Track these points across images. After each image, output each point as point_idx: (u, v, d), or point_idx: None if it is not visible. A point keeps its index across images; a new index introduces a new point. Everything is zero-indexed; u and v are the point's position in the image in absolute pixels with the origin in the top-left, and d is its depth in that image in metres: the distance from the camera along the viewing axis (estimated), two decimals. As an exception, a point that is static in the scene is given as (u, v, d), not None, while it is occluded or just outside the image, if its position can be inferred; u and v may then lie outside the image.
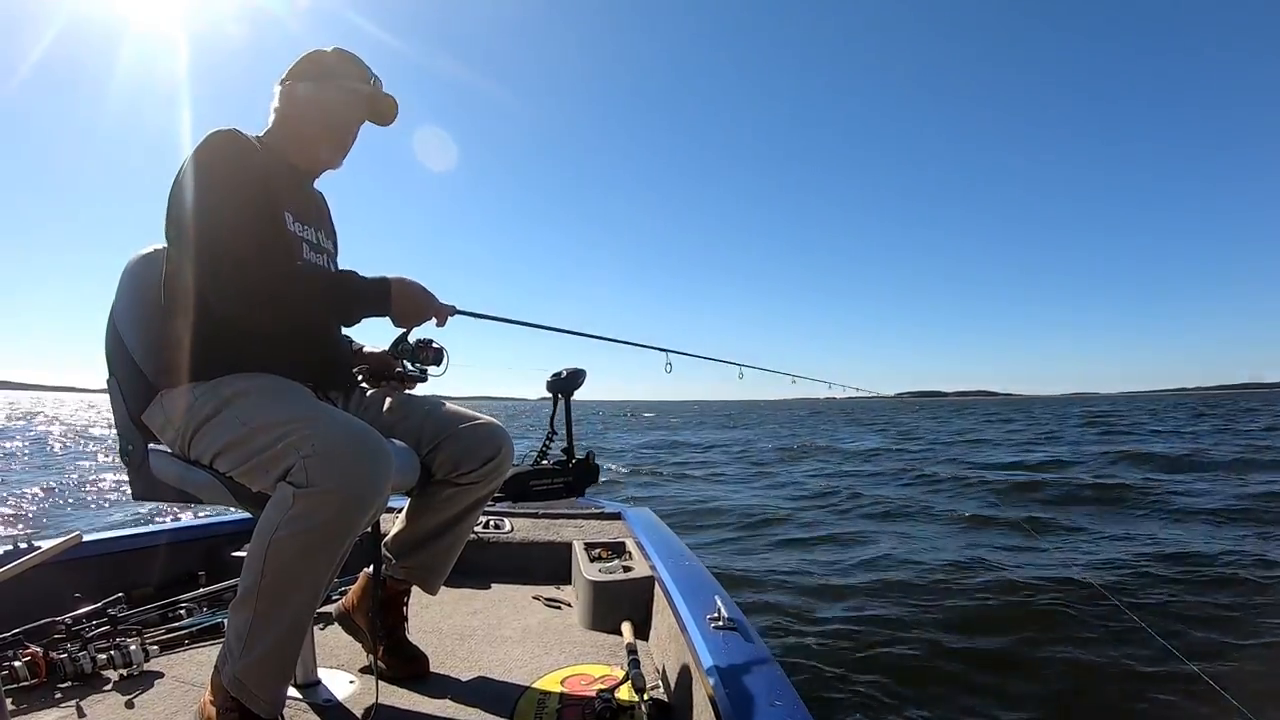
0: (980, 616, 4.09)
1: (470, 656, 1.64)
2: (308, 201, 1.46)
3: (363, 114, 1.44)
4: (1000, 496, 8.63)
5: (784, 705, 1.01)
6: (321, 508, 1.04)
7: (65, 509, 8.02)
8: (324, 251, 1.44)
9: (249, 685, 1.08)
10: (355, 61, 1.41)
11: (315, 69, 1.38)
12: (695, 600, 1.48)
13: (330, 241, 1.50)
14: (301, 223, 1.38)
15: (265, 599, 1.07)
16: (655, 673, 1.52)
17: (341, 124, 1.41)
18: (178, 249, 1.26)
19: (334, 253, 1.50)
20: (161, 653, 1.57)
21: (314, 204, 1.49)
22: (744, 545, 6.31)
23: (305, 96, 1.37)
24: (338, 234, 1.56)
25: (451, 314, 1.40)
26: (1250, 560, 5.02)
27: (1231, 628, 3.79)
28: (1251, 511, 7.04)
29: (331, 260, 1.47)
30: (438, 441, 1.41)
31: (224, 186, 1.21)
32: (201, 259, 1.20)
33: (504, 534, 2.42)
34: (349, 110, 1.41)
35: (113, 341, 1.35)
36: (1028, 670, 3.37)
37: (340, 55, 1.41)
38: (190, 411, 1.22)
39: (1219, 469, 10.73)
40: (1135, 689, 3.08)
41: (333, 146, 1.43)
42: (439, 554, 1.51)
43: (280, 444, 1.10)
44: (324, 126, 1.39)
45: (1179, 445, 14.94)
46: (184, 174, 1.22)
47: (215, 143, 1.24)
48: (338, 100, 1.39)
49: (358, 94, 1.40)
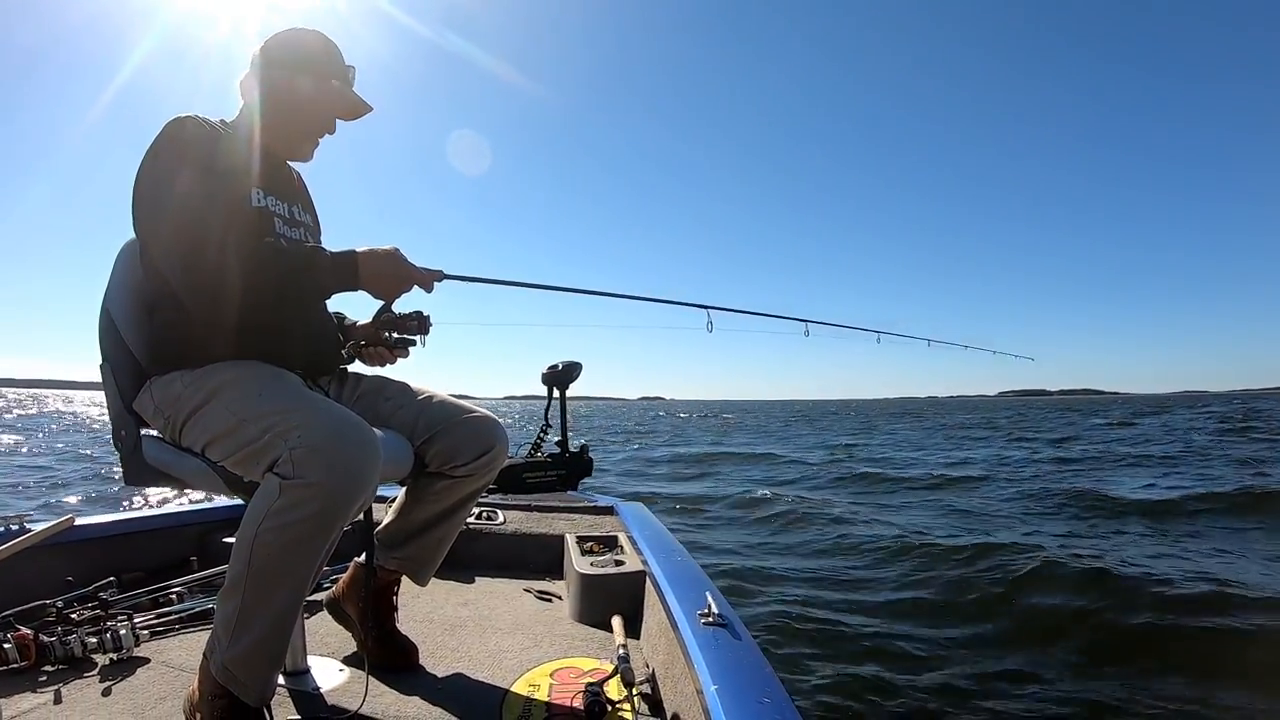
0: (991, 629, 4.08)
1: (460, 648, 1.64)
2: (281, 178, 1.44)
3: (335, 110, 1.41)
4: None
5: (772, 702, 1.01)
6: (308, 500, 1.04)
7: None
8: (300, 225, 1.42)
9: (237, 673, 1.08)
10: (332, 51, 1.38)
11: (291, 56, 1.35)
12: (686, 596, 1.48)
13: (308, 215, 1.48)
14: (275, 197, 1.37)
15: (253, 588, 1.06)
16: (644, 667, 1.52)
17: (314, 119, 1.39)
18: (140, 240, 1.27)
19: (313, 226, 1.49)
20: (151, 637, 1.58)
21: (289, 180, 1.47)
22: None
23: (280, 84, 1.34)
24: (317, 210, 1.55)
25: (438, 279, 1.36)
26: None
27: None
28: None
29: (310, 233, 1.46)
30: (432, 433, 1.41)
31: (169, 174, 1.19)
32: (154, 249, 1.22)
33: (496, 525, 2.43)
34: (322, 107, 1.38)
35: (106, 327, 1.34)
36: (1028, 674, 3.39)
37: (318, 42, 1.38)
38: (179, 401, 1.22)
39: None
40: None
41: (303, 139, 1.41)
42: (430, 546, 1.50)
43: (267, 435, 1.10)
44: (297, 118, 1.37)
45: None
46: (145, 164, 1.22)
47: (166, 133, 1.22)
48: (312, 95, 1.36)
49: (332, 91, 1.37)
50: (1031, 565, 4.87)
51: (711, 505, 8.50)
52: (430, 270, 1.34)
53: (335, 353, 1.51)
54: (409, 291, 1.32)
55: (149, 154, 1.22)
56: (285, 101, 1.35)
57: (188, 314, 1.23)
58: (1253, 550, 5.54)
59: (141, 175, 1.22)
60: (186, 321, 1.24)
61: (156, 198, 1.21)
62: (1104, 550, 5.38)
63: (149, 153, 1.22)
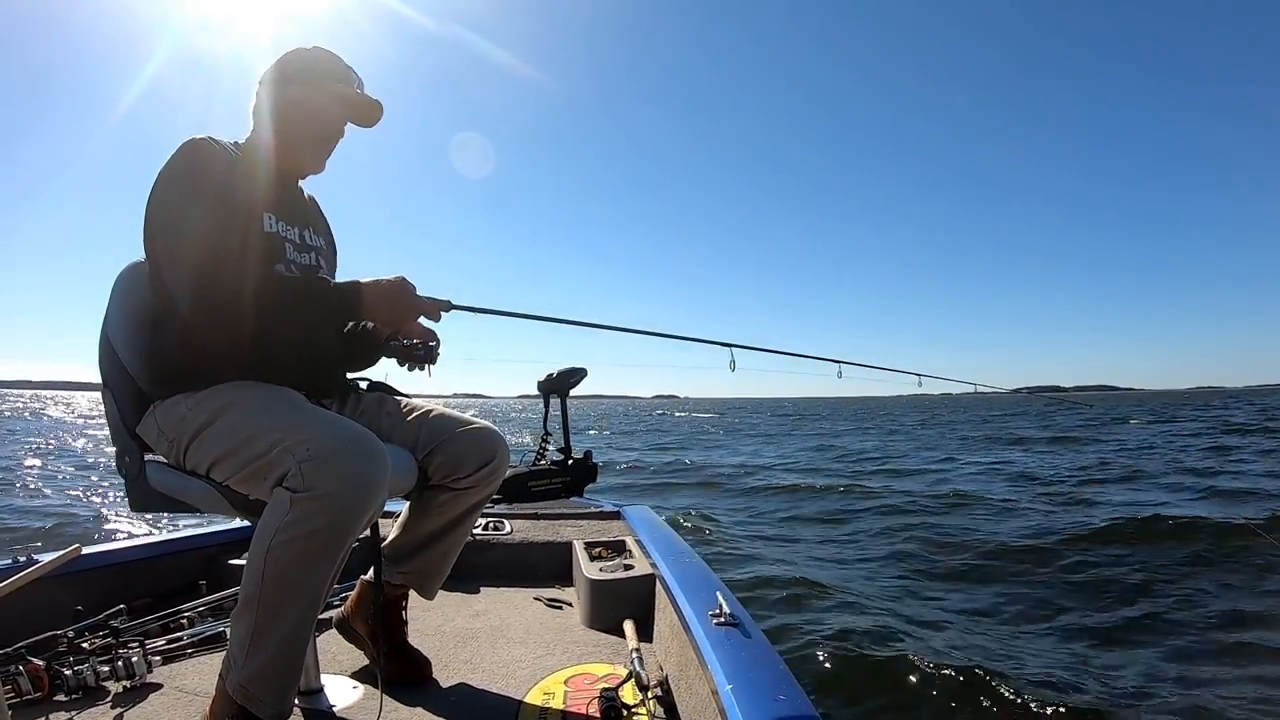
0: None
1: (473, 659, 1.64)
2: (293, 201, 1.45)
3: (345, 116, 1.42)
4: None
5: (788, 700, 1.01)
6: (319, 512, 1.04)
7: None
8: (311, 250, 1.43)
9: (254, 691, 1.08)
10: (337, 61, 1.40)
11: (296, 71, 1.37)
12: (697, 597, 1.48)
13: (322, 239, 1.49)
14: (285, 222, 1.37)
15: (266, 605, 1.06)
16: (658, 670, 1.52)
17: (324, 127, 1.40)
18: (151, 263, 1.28)
19: (325, 249, 1.50)
20: (163, 663, 1.57)
21: (300, 203, 1.48)
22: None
23: (287, 98, 1.36)
24: (332, 232, 1.56)
25: (445, 309, 1.37)
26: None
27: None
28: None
29: (322, 256, 1.46)
30: (433, 446, 1.41)
31: (184, 200, 1.20)
32: (167, 273, 1.23)
33: (503, 535, 2.42)
34: (331, 113, 1.40)
35: (105, 353, 1.34)
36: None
37: (321, 54, 1.40)
38: (183, 423, 1.22)
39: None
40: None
41: (314, 149, 1.42)
42: (436, 559, 1.51)
43: (275, 450, 1.10)
44: (306, 129, 1.38)
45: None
46: (153, 189, 1.23)
47: (180, 154, 1.23)
48: (319, 103, 1.37)
49: (339, 97, 1.39)
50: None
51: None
52: (437, 300, 1.35)
53: (339, 374, 1.52)
54: (415, 319, 1.33)
55: (164, 177, 1.22)
56: (294, 114, 1.36)
57: (194, 336, 1.23)
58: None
59: (155, 198, 1.22)
60: (192, 344, 1.24)
61: (170, 222, 1.21)
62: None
63: (164, 176, 1.22)
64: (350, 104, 1.41)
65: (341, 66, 1.40)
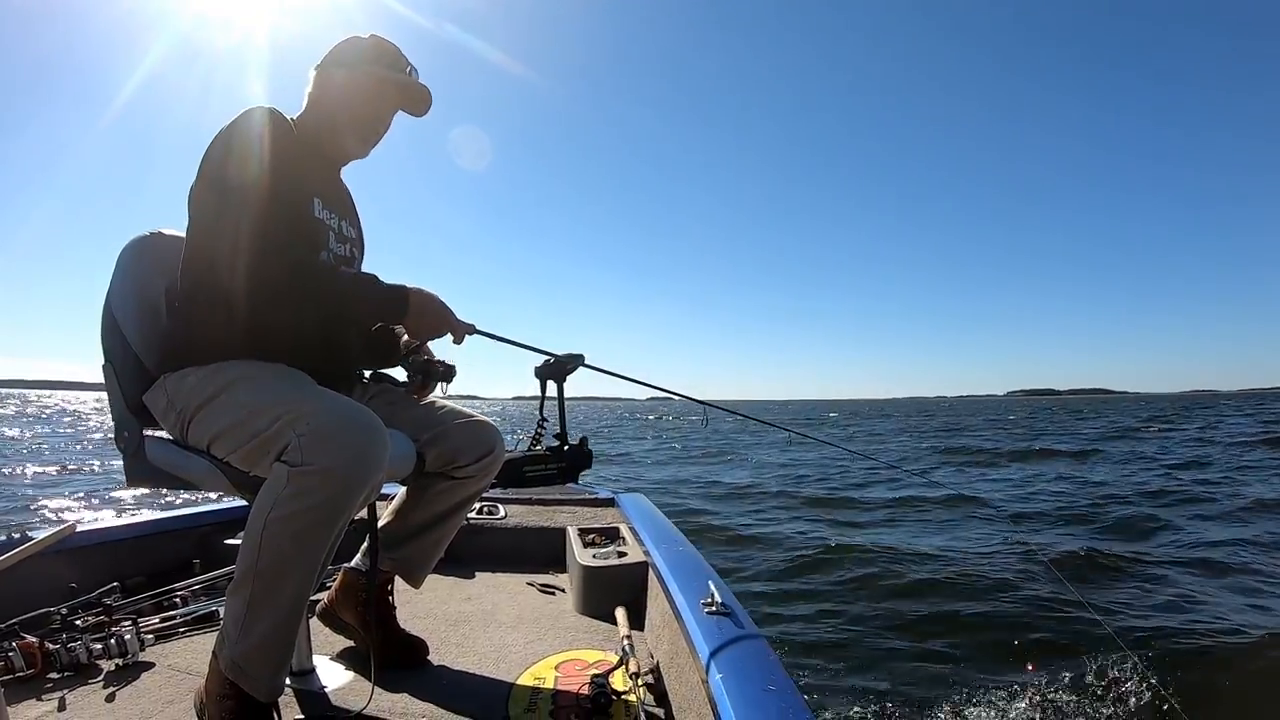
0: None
1: (464, 643, 1.64)
2: (336, 189, 1.45)
3: (395, 103, 1.42)
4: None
5: (777, 689, 1.02)
6: (316, 487, 1.04)
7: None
8: (348, 240, 1.43)
9: (247, 669, 1.08)
10: (391, 49, 1.40)
11: (350, 56, 1.37)
12: (689, 585, 1.49)
13: (355, 230, 1.49)
14: (329, 210, 1.37)
15: (262, 581, 1.06)
16: (649, 658, 1.53)
17: (372, 112, 1.40)
18: (200, 228, 1.23)
19: (358, 240, 1.50)
20: (156, 641, 1.58)
21: (342, 192, 1.48)
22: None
23: (338, 82, 1.36)
24: (362, 224, 1.55)
25: (470, 333, 1.37)
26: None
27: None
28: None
29: (355, 247, 1.47)
30: (433, 435, 1.42)
31: (255, 167, 1.19)
32: (225, 241, 1.17)
33: (498, 520, 2.43)
34: (380, 98, 1.39)
35: (109, 327, 1.33)
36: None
37: (376, 42, 1.40)
38: (192, 392, 1.21)
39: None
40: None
41: (361, 134, 1.41)
42: (426, 547, 1.51)
43: (277, 424, 1.10)
44: (354, 113, 1.38)
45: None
46: (216, 149, 1.20)
47: (251, 120, 1.22)
48: (369, 88, 1.37)
49: (390, 82, 1.39)
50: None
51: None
52: (465, 323, 1.35)
53: (351, 368, 1.51)
54: (442, 336, 1.33)
55: (223, 137, 1.20)
56: (339, 96, 1.36)
57: (217, 310, 1.21)
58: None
59: (211, 156, 1.20)
60: (216, 318, 1.22)
61: (223, 183, 1.18)
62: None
63: (223, 136, 1.20)
64: (399, 89, 1.40)
65: (393, 53, 1.40)
